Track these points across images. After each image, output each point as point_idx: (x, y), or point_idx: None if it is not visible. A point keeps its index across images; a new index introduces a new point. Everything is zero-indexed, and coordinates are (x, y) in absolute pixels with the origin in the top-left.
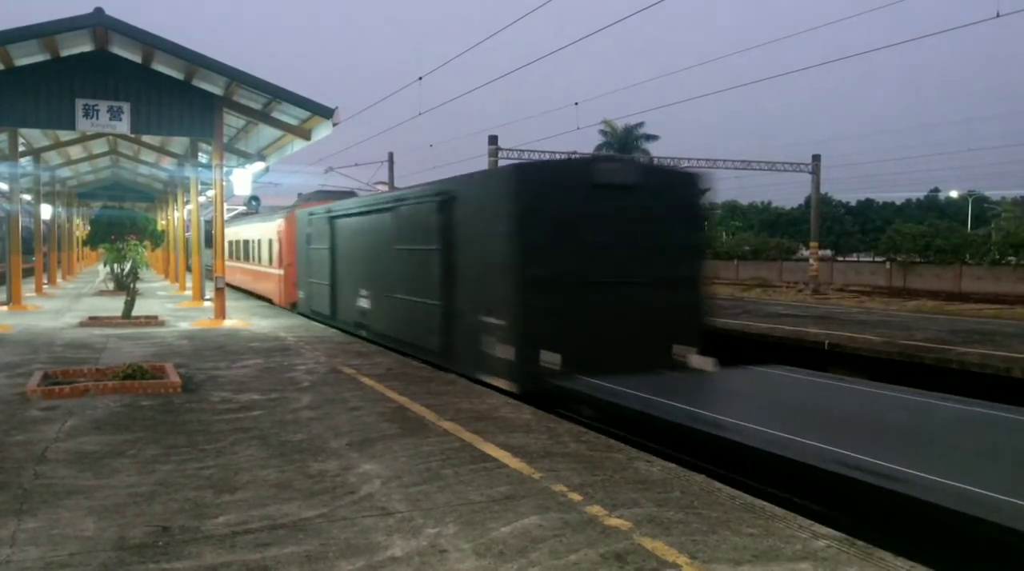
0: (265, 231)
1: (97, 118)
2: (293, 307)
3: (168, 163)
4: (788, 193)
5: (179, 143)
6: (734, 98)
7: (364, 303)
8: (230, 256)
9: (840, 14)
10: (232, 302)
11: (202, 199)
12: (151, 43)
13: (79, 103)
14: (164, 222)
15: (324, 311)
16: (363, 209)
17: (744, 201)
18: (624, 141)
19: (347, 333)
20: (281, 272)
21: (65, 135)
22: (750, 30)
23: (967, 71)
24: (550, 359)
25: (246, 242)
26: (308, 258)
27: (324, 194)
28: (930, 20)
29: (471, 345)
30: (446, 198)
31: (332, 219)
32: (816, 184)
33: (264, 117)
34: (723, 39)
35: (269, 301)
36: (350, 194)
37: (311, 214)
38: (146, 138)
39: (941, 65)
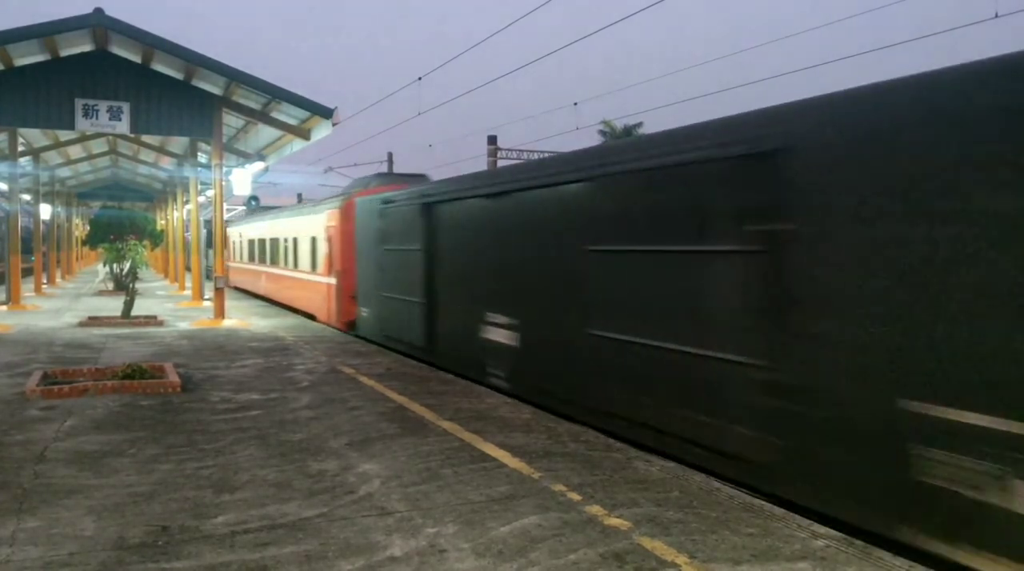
0: (305, 227)
1: (96, 118)
2: (350, 327)
3: (167, 163)
4: None
5: (178, 143)
6: (731, 97)
7: (500, 336)
8: (251, 259)
9: (838, 15)
10: (232, 302)
11: (201, 199)
12: (150, 43)
13: (79, 103)
14: (163, 222)
15: (412, 339)
16: (503, 188)
17: None
18: None
19: (458, 375)
20: (331, 281)
21: (64, 135)
22: (747, 30)
23: None
24: None
25: (273, 241)
26: (380, 263)
27: (388, 178)
28: (927, 20)
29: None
30: (793, 143)
31: (429, 206)
32: None
33: (263, 117)
34: (720, 39)
35: (311, 317)
36: (420, 177)
37: (386, 202)
38: (145, 138)
39: (936, 65)
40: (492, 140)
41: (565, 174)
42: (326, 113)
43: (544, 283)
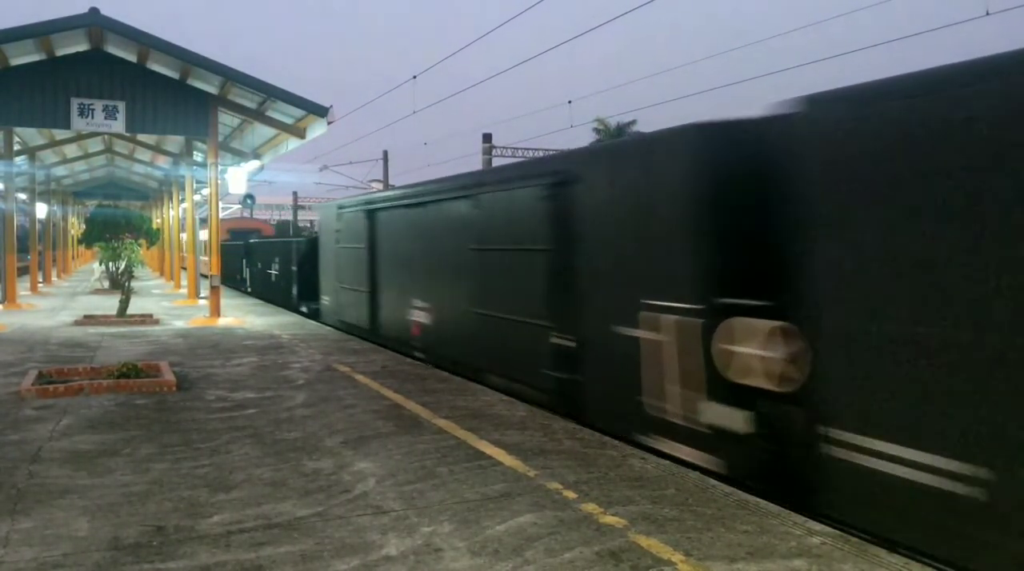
0: None
1: (92, 117)
2: None
3: (163, 162)
4: None
5: (174, 142)
6: (726, 96)
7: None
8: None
9: (828, 13)
10: (227, 300)
11: (197, 198)
12: (146, 42)
13: (74, 102)
14: (159, 220)
15: None
16: None
17: None
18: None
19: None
20: None
21: (60, 134)
22: (740, 29)
23: None
24: None
25: None
26: None
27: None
28: (918, 18)
29: None
30: None
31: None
32: None
33: (259, 116)
34: (715, 37)
35: None
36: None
37: None
38: (141, 137)
39: (930, 63)
40: (487, 138)
41: None
42: (321, 112)
43: None
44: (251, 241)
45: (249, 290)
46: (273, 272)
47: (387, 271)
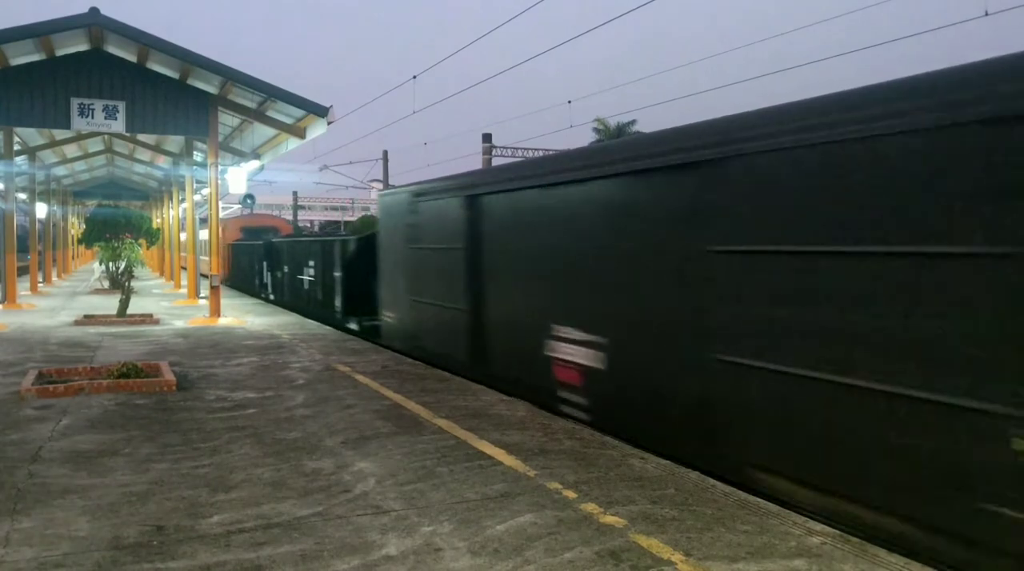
0: None
1: (92, 117)
2: None
3: (163, 162)
4: None
5: (174, 142)
6: (724, 95)
7: None
8: None
9: (827, 13)
10: (227, 300)
11: (197, 198)
12: (146, 42)
13: (74, 102)
14: (159, 220)
15: None
16: None
17: None
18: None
19: None
20: None
21: (60, 134)
22: (738, 29)
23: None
24: None
25: None
26: None
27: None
28: (917, 19)
29: None
30: None
31: None
32: None
33: (259, 116)
34: (713, 37)
35: None
36: None
37: None
38: (141, 137)
39: (930, 63)
40: (487, 138)
41: None
42: (321, 112)
43: None
44: (274, 241)
45: (272, 298)
46: (306, 278)
47: (503, 282)
